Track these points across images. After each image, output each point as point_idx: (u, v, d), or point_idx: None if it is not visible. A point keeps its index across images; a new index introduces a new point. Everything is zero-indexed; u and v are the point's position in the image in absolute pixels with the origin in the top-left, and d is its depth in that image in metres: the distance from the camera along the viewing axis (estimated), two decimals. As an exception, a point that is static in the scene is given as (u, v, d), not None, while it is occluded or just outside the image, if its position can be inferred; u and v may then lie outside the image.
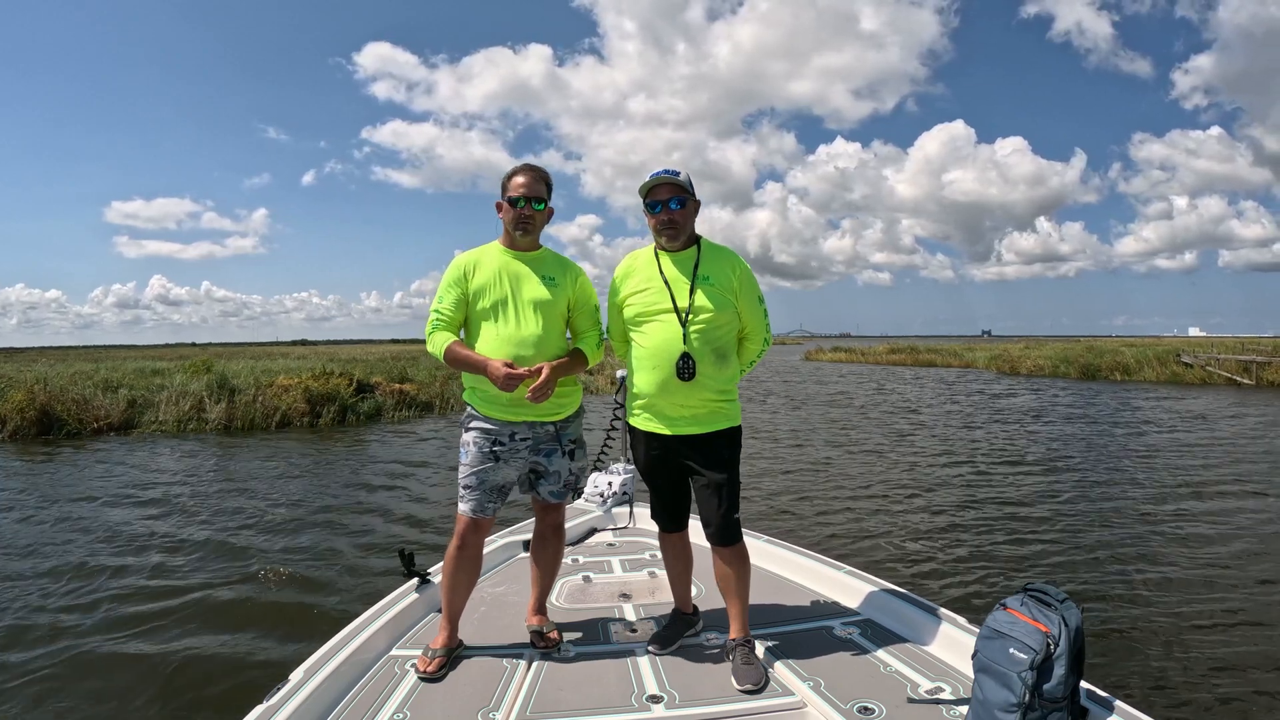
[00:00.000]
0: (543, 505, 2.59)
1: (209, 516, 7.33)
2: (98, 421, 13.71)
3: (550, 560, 2.65)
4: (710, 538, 2.41)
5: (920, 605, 2.58)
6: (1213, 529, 6.50)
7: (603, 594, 3.03)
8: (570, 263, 2.58)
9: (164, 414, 14.26)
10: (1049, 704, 1.77)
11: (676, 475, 2.47)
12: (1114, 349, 32.17)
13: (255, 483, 9.06)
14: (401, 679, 2.24)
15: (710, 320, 2.35)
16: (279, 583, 5.32)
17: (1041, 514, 7.13)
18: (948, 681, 2.18)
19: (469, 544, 2.44)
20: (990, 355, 39.54)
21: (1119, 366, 28.05)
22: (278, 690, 2.02)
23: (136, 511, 7.58)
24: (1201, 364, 26.51)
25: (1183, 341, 41.73)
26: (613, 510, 4.08)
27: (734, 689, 2.18)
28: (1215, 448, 11.14)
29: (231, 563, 5.79)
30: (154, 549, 6.18)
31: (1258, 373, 24.53)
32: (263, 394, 14.94)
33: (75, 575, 5.47)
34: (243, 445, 12.34)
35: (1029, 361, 33.03)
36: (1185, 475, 8.96)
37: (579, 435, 2.60)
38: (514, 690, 2.18)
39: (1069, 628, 1.80)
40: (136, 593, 5.10)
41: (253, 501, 8.01)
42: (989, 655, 1.84)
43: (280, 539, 6.49)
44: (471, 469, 2.41)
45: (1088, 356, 30.14)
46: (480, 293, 2.42)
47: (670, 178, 2.33)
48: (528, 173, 2.47)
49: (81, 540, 6.45)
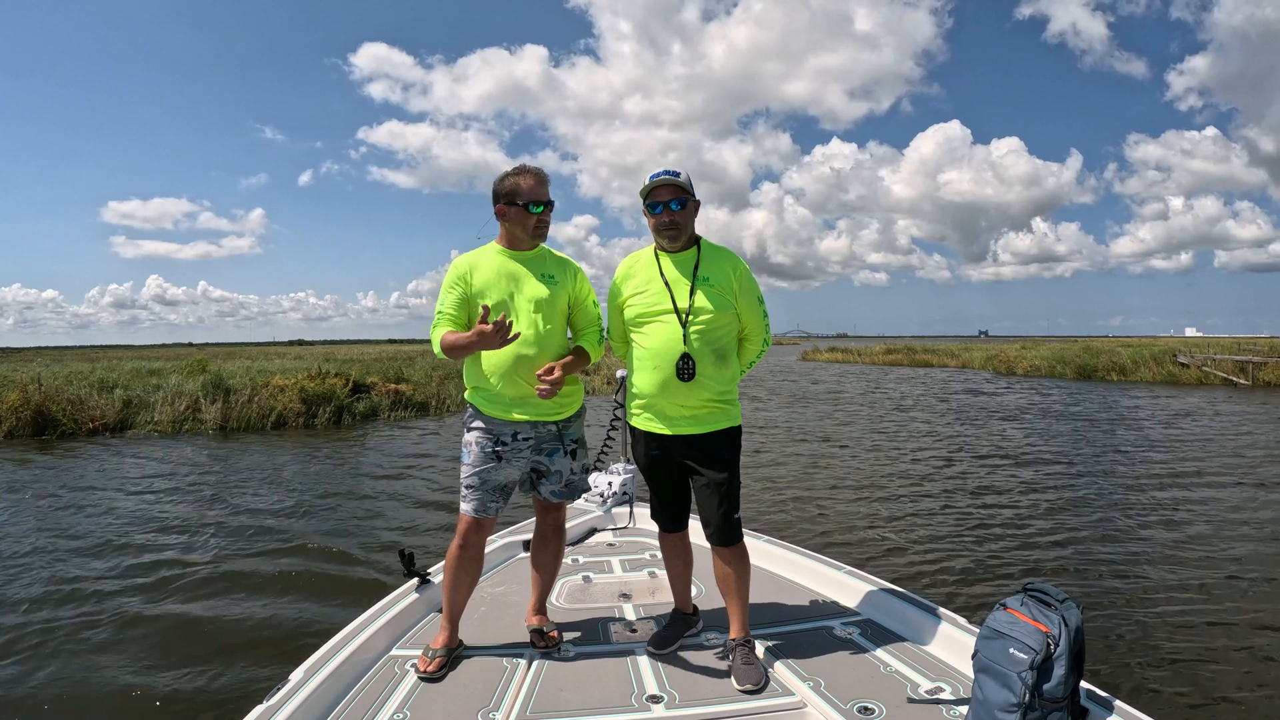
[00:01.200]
0: (544, 505, 2.59)
1: (203, 517, 7.30)
2: (93, 422, 13.68)
3: (551, 560, 2.65)
4: (710, 538, 2.41)
5: (920, 605, 2.58)
6: (1213, 529, 6.51)
7: (603, 594, 3.03)
8: (568, 260, 2.58)
9: (159, 414, 14.23)
10: (1049, 704, 1.77)
11: (677, 475, 2.47)
12: (1110, 349, 32.20)
13: (250, 483, 9.03)
14: (401, 679, 2.24)
15: (710, 321, 2.35)
16: (277, 583, 5.31)
17: (1041, 514, 7.14)
18: (948, 681, 2.18)
19: (471, 544, 2.44)
20: (986, 355, 39.61)
21: (1115, 367, 28.11)
22: (278, 690, 2.02)
23: (127, 513, 7.54)
24: (1198, 364, 26.59)
25: (1179, 342, 41.85)
26: (613, 510, 4.07)
27: (734, 689, 2.18)
28: (1212, 446, 11.18)
29: (229, 563, 5.77)
30: (146, 550, 6.15)
31: (1254, 373, 24.61)
32: (258, 394, 14.91)
33: (56, 581, 5.44)
34: (238, 445, 12.30)
35: (1025, 362, 33.10)
36: (1184, 475, 8.98)
37: (581, 435, 2.60)
38: (514, 690, 2.18)
39: (1069, 628, 1.80)
40: (131, 594, 5.08)
41: (248, 501, 7.99)
42: (989, 655, 1.84)
43: (278, 539, 6.47)
44: (474, 469, 2.41)
45: (1084, 357, 30.18)
46: (481, 294, 2.41)
47: (670, 178, 2.33)
48: (534, 176, 2.43)
49: (66, 546, 6.40)
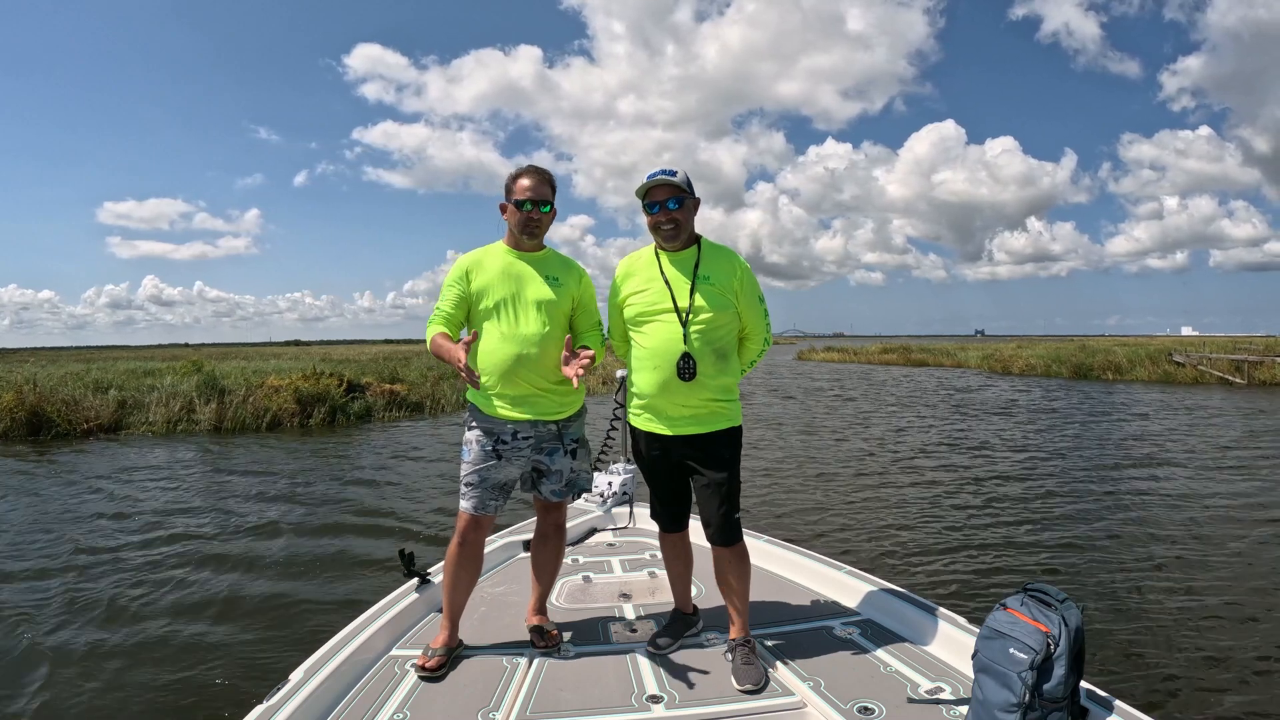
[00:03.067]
0: (545, 504, 2.59)
1: (197, 517, 7.28)
2: (87, 422, 13.64)
3: (551, 560, 2.65)
4: (710, 538, 2.41)
5: (920, 605, 2.58)
6: (1212, 528, 6.52)
7: (603, 594, 3.03)
8: (574, 263, 2.58)
9: (154, 415, 14.20)
10: (1049, 704, 1.77)
11: (677, 475, 2.47)
12: (1106, 348, 32.30)
13: (245, 484, 9.00)
14: (402, 679, 2.24)
15: (711, 320, 2.35)
16: (275, 583, 5.29)
17: (1041, 513, 7.15)
18: (948, 681, 2.18)
19: (470, 542, 2.44)
20: (982, 355, 39.65)
21: (1111, 366, 28.16)
22: (278, 690, 2.02)
23: (120, 514, 7.50)
24: (1194, 363, 26.67)
25: (1175, 341, 41.97)
26: (613, 510, 4.08)
27: (734, 689, 2.18)
28: (1209, 446, 11.21)
29: (225, 564, 5.75)
30: (140, 551, 6.12)
31: (1249, 372, 24.71)
32: (253, 395, 14.87)
33: (39, 576, 5.43)
34: (233, 446, 12.27)
35: (1020, 361, 33.16)
36: (1182, 475, 9.01)
37: (582, 434, 2.60)
38: (514, 690, 2.18)
39: (1069, 628, 1.80)
40: (130, 595, 5.06)
41: (242, 502, 7.97)
42: (989, 655, 1.84)
43: (273, 539, 6.45)
44: (474, 467, 2.41)
45: (1080, 356, 30.25)
46: (483, 293, 2.42)
47: (667, 178, 2.33)
48: (533, 175, 2.46)
49: (58, 545, 6.37)
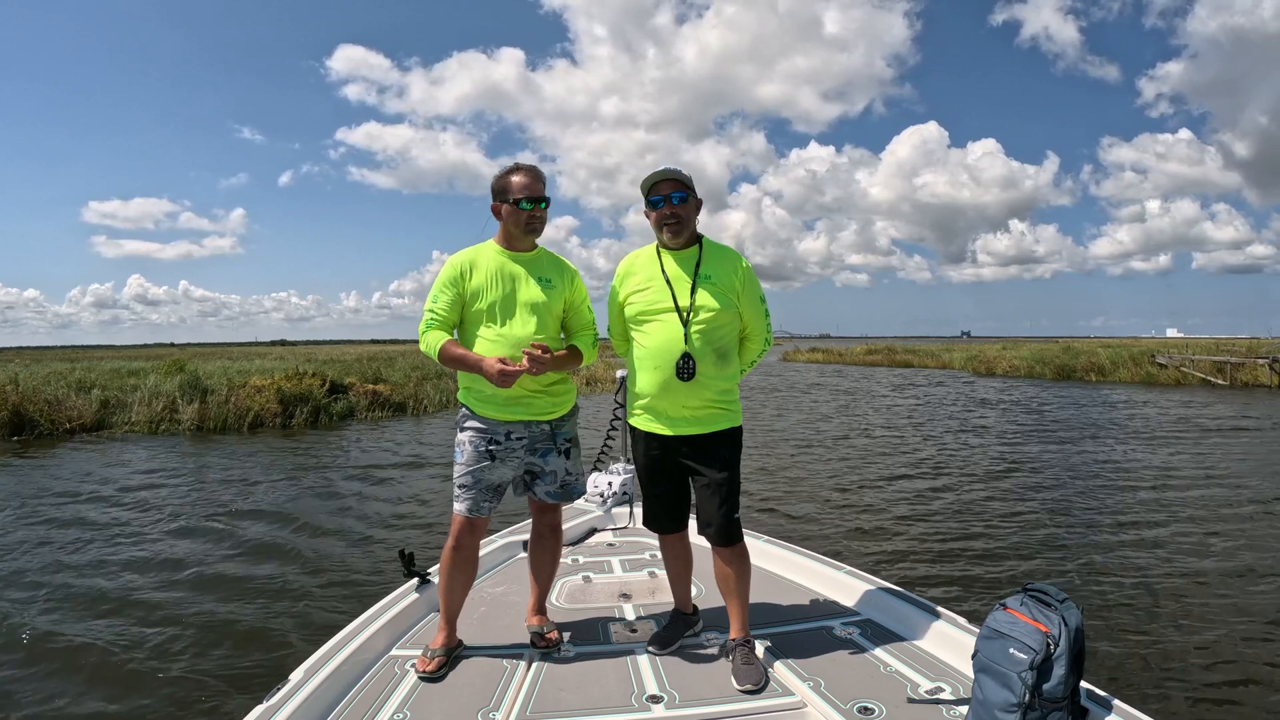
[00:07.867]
0: (539, 505, 2.57)
1: (184, 518, 7.20)
2: (70, 422, 13.53)
3: (549, 560, 2.63)
4: (710, 538, 2.40)
5: (920, 605, 2.58)
6: (1211, 528, 6.57)
7: (603, 594, 3.02)
8: (566, 263, 2.56)
9: (136, 415, 14.11)
10: (1049, 704, 1.78)
11: (677, 475, 2.46)
12: (1090, 350, 32.62)
13: (229, 483, 8.93)
14: (401, 679, 2.23)
15: (712, 320, 2.34)
16: (272, 582, 5.24)
17: (1041, 513, 7.18)
18: (948, 681, 2.18)
19: (465, 544, 2.42)
20: (967, 356, 39.99)
21: (1094, 367, 28.48)
22: (278, 690, 2.01)
23: (106, 515, 7.42)
24: (1176, 365, 27.01)
25: (1159, 342, 42.44)
26: (613, 510, 4.06)
27: (734, 689, 2.18)
28: (1204, 444, 11.36)
29: (221, 565, 5.69)
30: (133, 552, 6.05)
31: (1231, 373, 25.06)
32: (235, 395, 14.75)
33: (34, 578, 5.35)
34: (215, 446, 12.18)
35: (1004, 362, 33.48)
36: (1180, 475, 9.09)
37: (574, 434, 2.58)
38: (514, 690, 2.17)
39: (1069, 628, 1.81)
40: (127, 595, 5.00)
41: (229, 502, 7.89)
42: (989, 655, 1.84)
43: (264, 539, 6.39)
44: (467, 468, 2.39)
45: (1063, 357, 30.56)
46: (477, 294, 2.39)
47: (674, 173, 2.34)
48: (527, 173, 2.42)
49: (41, 546, 6.30)
